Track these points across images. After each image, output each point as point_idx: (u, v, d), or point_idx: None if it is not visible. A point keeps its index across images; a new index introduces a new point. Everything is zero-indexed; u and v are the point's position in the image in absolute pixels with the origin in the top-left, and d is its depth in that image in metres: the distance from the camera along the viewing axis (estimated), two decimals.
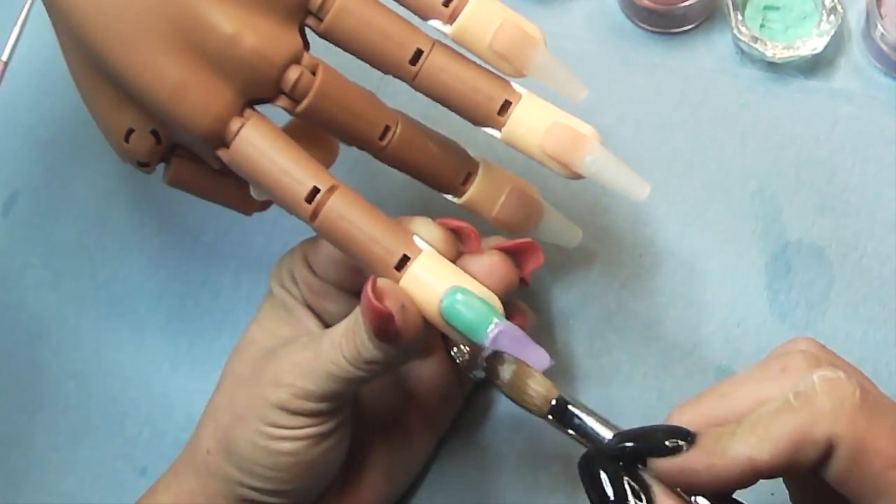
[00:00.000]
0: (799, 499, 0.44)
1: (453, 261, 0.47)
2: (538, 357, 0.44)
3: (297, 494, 0.50)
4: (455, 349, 0.55)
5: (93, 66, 0.46)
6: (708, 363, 0.57)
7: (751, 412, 0.39)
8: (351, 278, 0.49)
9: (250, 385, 0.49)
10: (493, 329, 0.44)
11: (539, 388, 0.46)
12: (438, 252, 0.46)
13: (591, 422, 0.44)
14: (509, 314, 0.45)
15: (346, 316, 0.47)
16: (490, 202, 0.50)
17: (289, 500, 0.50)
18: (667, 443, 0.40)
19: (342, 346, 0.46)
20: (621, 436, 0.41)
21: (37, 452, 0.60)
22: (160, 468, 0.52)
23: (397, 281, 0.45)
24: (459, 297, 0.44)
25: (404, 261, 0.45)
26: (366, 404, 0.54)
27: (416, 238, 0.46)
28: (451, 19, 0.46)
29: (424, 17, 0.46)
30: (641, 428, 0.41)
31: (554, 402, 0.45)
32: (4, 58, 0.54)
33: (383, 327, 0.44)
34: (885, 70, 0.60)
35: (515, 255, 0.49)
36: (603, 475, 0.40)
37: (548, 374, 0.45)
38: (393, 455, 0.54)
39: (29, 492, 0.59)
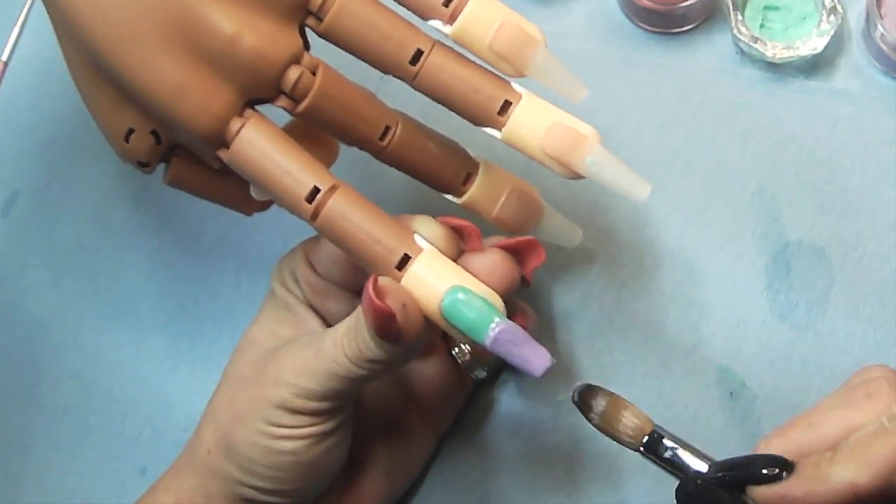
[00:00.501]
0: None
1: (455, 259, 0.47)
2: (539, 356, 0.44)
3: (298, 494, 0.50)
4: (456, 349, 0.55)
5: (93, 66, 0.46)
6: (708, 363, 0.57)
7: (840, 439, 0.40)
8: (353, 277, 0.49)
9: (251, 385, 0.49)
10: (494, 328, 0.44)
11: (634, 420, 0.45)
12: (440, 250, 0.46)
13: (685, 455, 0.44)
14: (511, 315, 0.45)
15: (348, 315, 0.47)
16: (490, 202, 0.50)
17: (289, 499, 0.50)
18: (765, 471, 0.40)
19: (344, 344, 0.46)
20: (719, 465, 0.42)
21: (37, 452, 0.60)
22: (160, 468, 0.52)
23: (398, 280, 0.45)
24: (460, 296, 0.44)
25: (405, 260, 0.45)
26: (367, 404, 0.54)
27: (417, 237, 0.46)
28: (451, 19, 0.46)
29: (424, 18, 0.46)
30: (739, 457, 0.42)
31: (646, 438, 0.44)
32: (4, 58, 0.54)
33: (385, 326, 0.44)
34: (885, 70, 0.60)
35: (517, 253, 0.49)
36: None
37: (548, 373, 0.44)
38: (394, 455, 0.54)
39: (29, 492, 0.59)
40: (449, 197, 0.50)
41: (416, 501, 0.57)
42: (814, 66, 0.60)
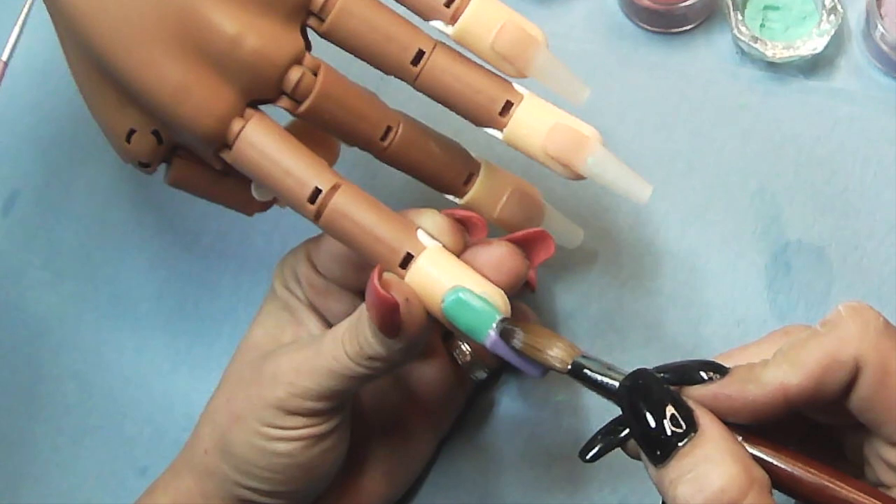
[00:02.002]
0: None
1: (460, 251, 0.47)
2: None
3: (295, 495, 0.50)
4: (457, 350, 0.55)
5: (94, 66, 0.46)
6: None
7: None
8: (354, 276, 0.49)
9: (249, 385, 0.49)
10: (494, 329, 0.44)
11: (557, 352, 0.45)
12: (445, 244, 0.46)
13: (611, 378, 0.43)
14: (513, 316, 0.45)
15: (349, 315, 0.47)
16: (492, 203, 0.50)
17: (286, 500, 0.50)
18: (702, 373, 0.41)
19: (344, 341, 0.46)
20: (657, 369, 0.42)
21: (37, 452, 0.60)
22: (160, 468, 0.52)
23: (402, 278, 0.45)
24: (461, 296, 0.44)
25: (408, 258, 0.45)
26: (367, 405, 0.54)
27: (421, 233, 0.46)
28: (452, 20, 0.46)
29: (426, 18, 0.46)
30: (675, 362, 0.42)
31: (570, 365, 0.44)
32: (4, 58, 0.54)
33: (388, 318, 0.44)
34: (885, 70, 0.60)
35: (525, 245, 0.48)
36: (643, 402, 0.40)
37: (549, 373, 0.44)
38: (393, 456, 0.54)
39: (29, 492, 0.59)
40: (450, 197, 0.50)
41: (416, 501, 0.57)
42: (814, 66, 0.60)
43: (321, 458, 0.49)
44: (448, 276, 0.45)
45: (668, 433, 0.39)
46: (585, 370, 0.43)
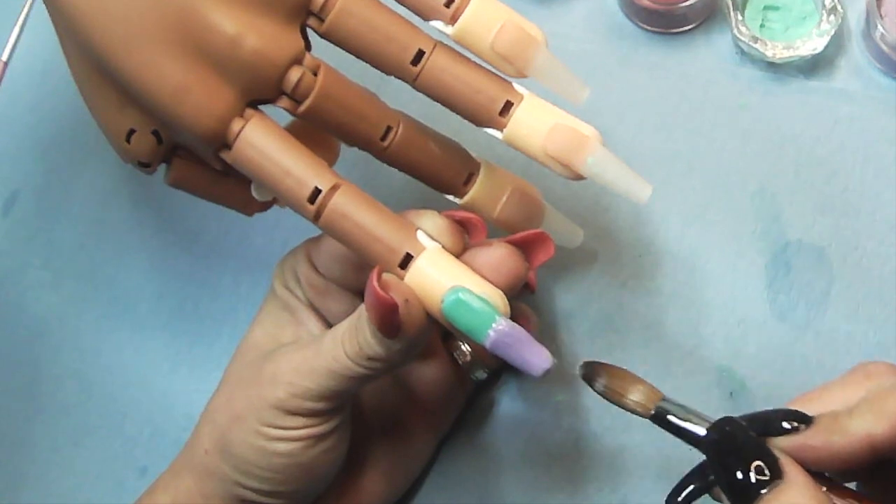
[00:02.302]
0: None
1: (460, 253, 0.47)
2: (539, 357, 0.44)
3: (295, 496, 0.50)
4: (457, 350, 0.55)
5: (94, 66, 0.46)
6: (708, 363, 0.57)
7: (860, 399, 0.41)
8: (354, 276, 0.49)
9: (249, 385, 0.49)
10: (494, 329, 0.44)
11: (638, 395, 0.45)
12: (444, 245, 0.46)
13: (693, 426, 0.44)
14: (513, 317, 0.45)
15: (349, 315, 0.47)
16: (492, 203, 0.50)
17: (287, 500, 0.50)
18: (785, 424, 0.41)
19: (344, 342, 0.46)
20: (741, 418, 0.42)
21: (37, 452, 0.60)
22: (160, 468, 0.52)
23: (401, 279, 0.45)
24: (461, 296, 0.44)
25: (408, 259, 0.45)
26: (367, 406, 0.54)
27: (420, 234, 0.46)
28: (452, 20, 0.46)
29: (426, 18, 0.46)
30: (760, 412, 0.43)
31: (653, 410, 0.44)
32: (4, 58, 0.54)
33: (387, 319, 0.44)
34: (885, 70, 0.60)
35: (525, 246, 0.48)
36: (730, 456, 0.41)
37: (549, 374, 0.44)
38: (393, 456, 0.54)
39: (29, 492, 0.59)
40: (450, 197, 0.50)
41: (416, 501, 0.57)
42: (814, 66, 0.60)
43: (321, 458, 0.49)
44: (447, 277, 0.45)
45: (753, 481, 0.40)
46: (669, 416, 0.43)
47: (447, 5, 0.45)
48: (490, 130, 0.47)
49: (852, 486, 0.44)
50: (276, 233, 0.60)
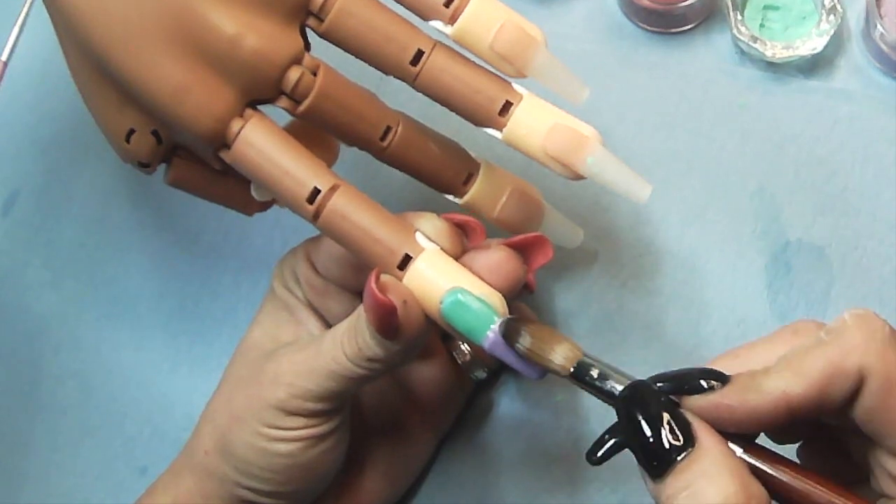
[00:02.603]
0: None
1: (459, 256, 0.47)
2: None
3: (295, 496, 0.50)
4: (457, 350, 0.55)
5: (94, 66, 0.46)
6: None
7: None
8: (354, 277, 0.49)
9: (249, 386, 0.49)
10: (493, 330, 0.44)
11: (561, 354, 0.44)
12: (443, 248, 0.46)
13: (616, 379, 0.43)
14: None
15: (348, 315, 0.47)
16: (491, 203, 0.50)
17: (287, 501, 0.50)
18: (702, 382, 0.40)
19: (344, 343, 0.46)
20: (656, 377, 0.41)
21: (37, 452, 0.60)
22: (160, 468, 0.52)
23: (400, 280, 0.45)
24: (459, 297, 0.44)
25: (407, 260, 0.45)
26: (366, 405, 0.54)
27: (419, 235, 0.46)
28: (452, 20, 0.46)
29: (425, 18, 0.46)
30: (673, 371, 0.41)
31: (573, 368, 0.44)
32: (4, 58, 0.54)
33: (386, 320, 0.44)
34: (884, 70, 0.60)
35: (523, 249, 0.49)
36: (640, 414, 0.40)
37: (547, 375, 0.44)
38: (393, 456, 0.54)
39: (29, 492, 0.59)
40: (450, 197, 0.50)
41: (415, 501, 0.57)
42: (813, 66, 0.60)
43: (321, 458, 0.49)
44: (446, 278, 0.45)
45: (667, 446, 0.39)
46: (587, 375, 0.42)
47: (446, 5, 0.45)
48: (489, 130, 0.47)
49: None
50: (276, 233, 0.60)
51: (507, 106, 0.46)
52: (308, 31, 0.47)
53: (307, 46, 0.47)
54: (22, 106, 0.64)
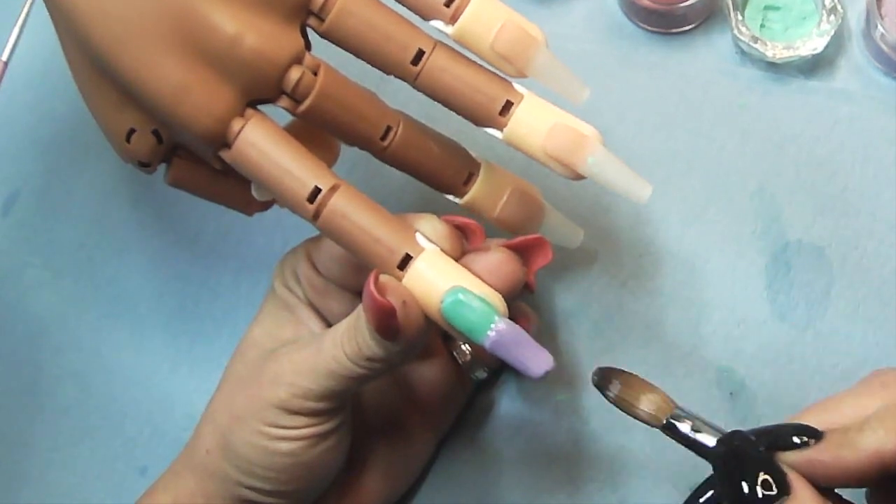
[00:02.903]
0: None
1: (458, 257, 0.47)
2: (539, 358, 0.44)
3: (297, 495, 0.50)
4: (457, 350, 0.55)
5: (94, 66, 0.45)
6: (708, 363, 0.57)
7: (855, 422, 0.40)
8: (354, 276, 0.49)
9: (250, 385, 0.49)
10: (494, 329, 0.44)
11: (650, 405, 0.45)
12: (443, 249, 0.46)
13: (706, 431, 0.44)
14: (513, 317, 0.45)
15: (348, 315, 0.47)
16: (492, 203, 0.50)
17: (288, 500, 0.50)
18: (795, 438, 0.41)
19: (344, 342, 0.46)
20: (751, 432, 0.42)
21: (37, 452, 0.60)
22: (160, 468, 0.52)
23: (400, 280, 0.45)
24: (460, 296, 0.44)
25: (407, 260, 0.45)
26: (367, 405, 0.54)
27: (419, 236, 0.46)
28: (452, 20, 0.46)
29: (426, 18, 0.46)
30: (769, 425, 0.42)
31: (665, 420, 0.45)
32: (4, 58, 0.54)
33: (385, 322, 0.44)
34: (885, 70, 0.60)
35: (523, 251, 0.49)
36: (737, 470, 0.41)
37: (549, 374, 0.44)
38: (393, 456, 0.54)
39: (29, 492, 0.59)
40: (450, 197, 0.50)
41: (416, 501, 0.57)
42: (814, 66, 0.60)
43: (323, 456, 0.49)
44: (447, 278, 0.45)
45: (760, 496, 0.40)
46: (679, 427, 0.43)
47: (447, 5, 0.45)
48: (490, 130, 0.46)
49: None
50: (277, 232, 0.60)
51: (508, 106, 0.46)
52: (309, 30, 0.47)
53: (308, 46, 0.47)
54: (22, 106, 0.64)
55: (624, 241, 0.59)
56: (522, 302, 0.56)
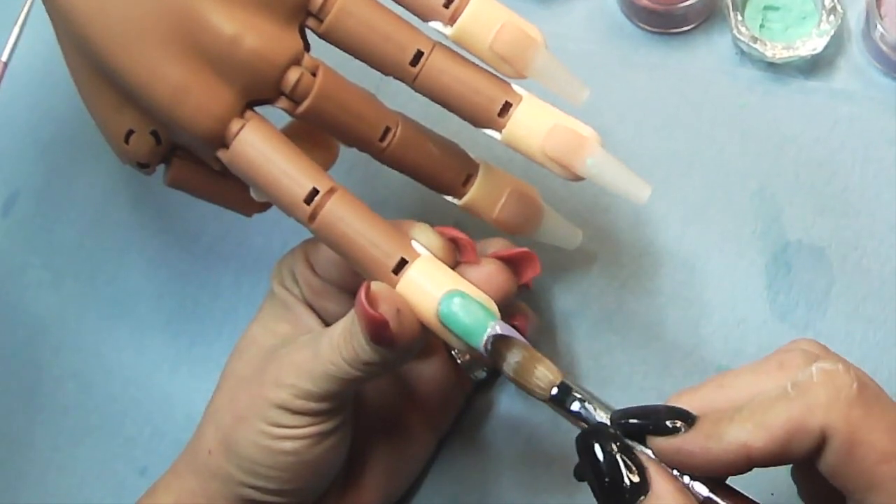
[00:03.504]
0: (806, 495, 0.44)
1: (451, 268, 0.47)
2: None
3: (299, 494, 0.50)
4: (456, 349, 0.55)
5: (93, 67, 0.46)
6: (708, 363, 0.57)
7: (745, 403, 0.40)
8: (351, 278, 0.49)
9: (251, 385, 0.49)
10: (491, 333, 0.44)
11: (546, 373, 0.45)
12: (437, 257, 0.46)
13: (591, 408, 0.44)
14: (511, 315, 0.45)
15: (345, 315, 0.47)
16: (490, 204, 0.50)
17: (290, 499, 0.50)
18: (668, 423, 0.41)
19: (340, 347, 0.46)
20: (623, 412, 0.42)
21: (37, 452, 0.60)
22: (160, 468, 0.52)
23: (394, 285, 0.45)
24: (457, 300, 0.44)
25: (402, 264, 0.45)
26: (367, 404, 0.54)
27: (414, 243, 0.46)
28: (451, 21, 0.46)
29: (425, 19, 0.46)
30: (644, 406, 0.42)
31: (555, 389, 0.44)
32: (4, 58, 0.54)
33: (378, 332, 0.44)
34: (884, 70, 0.60)
35: (513, 263, 0.49)
36: (599, 452, 0.41)
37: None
38: (393, 455, 0.54)
39: (29, 492, 0.59)
40: (449, 198, 0.50)
41: (416, 501, 0.57)
42: (813, 67, 0.60)
43: (326, 455, 0.49)
44: (443, 282, 0.45)
45: (625, 486, 0.40)
46: (566, 401, 0.43)
47: (446, 6, 0.45)
48: (489, 131, 0.46)
49: None
50: (276, 233, 0.60)
51: (507, 107, 0.46)
52: (308, 31, 0.47)
53: (307, 47, 0.47)
54: (22, 106, 0.64)
55: (623, 241, 0.59)
56: (520, 301, 0.56)
